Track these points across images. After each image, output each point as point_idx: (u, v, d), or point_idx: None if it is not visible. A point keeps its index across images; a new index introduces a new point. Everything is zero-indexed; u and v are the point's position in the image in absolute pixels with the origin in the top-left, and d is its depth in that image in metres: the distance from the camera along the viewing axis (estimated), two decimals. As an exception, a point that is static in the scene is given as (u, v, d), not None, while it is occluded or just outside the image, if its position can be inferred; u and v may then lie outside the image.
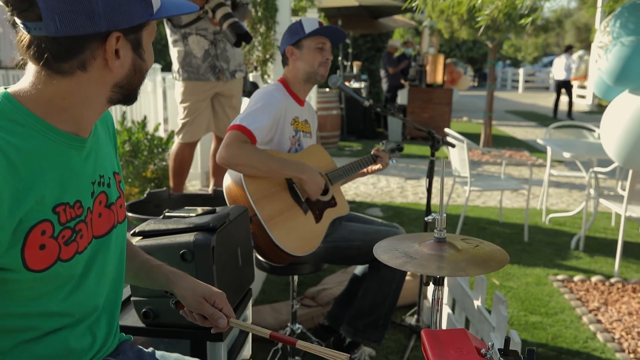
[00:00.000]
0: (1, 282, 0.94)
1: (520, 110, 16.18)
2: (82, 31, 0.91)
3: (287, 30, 2.31)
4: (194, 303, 1.22)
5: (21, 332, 0.99)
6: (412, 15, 14.93)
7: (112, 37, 0.95)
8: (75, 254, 1.01)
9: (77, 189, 1.02)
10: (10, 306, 0.97)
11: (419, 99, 9.68)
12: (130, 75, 1.01)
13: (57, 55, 0.93)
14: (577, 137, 5.54)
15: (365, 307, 2.31)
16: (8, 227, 0.90)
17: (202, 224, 1.49)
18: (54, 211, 0.96)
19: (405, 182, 6.59)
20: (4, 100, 0.95)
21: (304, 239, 2.16)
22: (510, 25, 7.41)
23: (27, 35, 0.92)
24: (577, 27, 21.11)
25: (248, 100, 4.45)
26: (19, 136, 0.93)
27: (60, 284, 1.01)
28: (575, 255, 4.09)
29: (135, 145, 4.01)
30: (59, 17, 0.89)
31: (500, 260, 1.16)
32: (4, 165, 0.89)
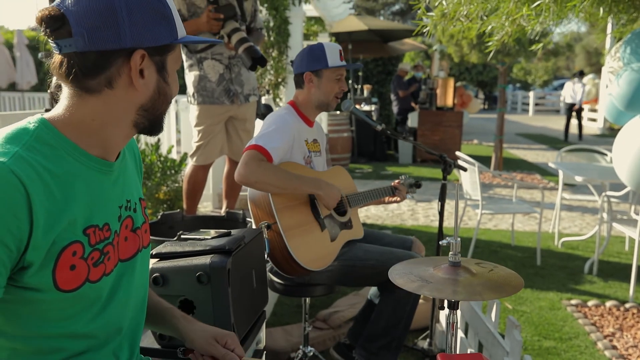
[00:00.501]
0: (32, 302, 0.96)
1: (530, 133, 16.16)
2: (108, 46, 0.96)
3: (309, 53, 2.31)
4: (205, 345, 1.24)
5: (49, 354, 1.01)
6: (422, 39, 15.06)
7: (136, 54, 0.99)
8: (102, 276, 1.04)
9: (105, 212, 1.05)
10: (39, 327, 0.99)
11: (429, 121, 9.72)
12: (155, 97, 1.05)
13: (84, 70, 0.98)
14: (589, 161, 5.53)
15: (378, 329, 2.31)
16: (42, 247, 0.93)
17: (218, 246, 1.51)
18: (84, 233, 1.00)
19: (416, 204, 6.58)
20: (40, 126, 0.99)
21: (318, 255, 2.19)
22: (520, 49, 7.45)
23: (59, 55, 0.98)
24: (587, 51, 21.17)
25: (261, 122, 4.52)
26: (54, 160, 0.97)
27: (88, 306, 1.03)
28: (588, 279, 4.05)
29: (149, 167, 4.06)
30: (87, 32, 0.95)
31: (516, 285, 1.16)
32: (40, 188, 0.92)
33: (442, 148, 9.15)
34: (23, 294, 0.95)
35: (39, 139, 0.97)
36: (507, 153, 11.18)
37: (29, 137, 0.96)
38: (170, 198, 4.13)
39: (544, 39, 4.06)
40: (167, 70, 1.06)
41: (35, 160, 0.94)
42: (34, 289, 0.95)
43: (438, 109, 10.01)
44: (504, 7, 3.16)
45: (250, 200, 2.20)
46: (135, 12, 0.97)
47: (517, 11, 3.07)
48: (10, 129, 0.98)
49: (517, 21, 3.18)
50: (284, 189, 2.13)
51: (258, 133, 2.22)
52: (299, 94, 2.37)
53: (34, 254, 0.92)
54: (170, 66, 1.06)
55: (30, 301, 0.96)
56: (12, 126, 0.99)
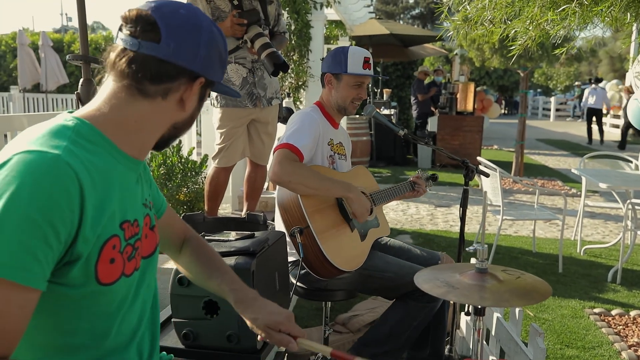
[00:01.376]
0: (70, 298, 0.98)
1: (551, 139, 15.98)
2: (186, 63, 1.04)
3: (333, 54, 2.32)
4: (262, 332, 1.23)
5: (85, 350, 1.03)
6: (442, 44, 15.00)
7: (201, 79, 1.08)
8: (134, 270, 1.07)
9: (134, 208, 1.08)
10: (79, 322, 1.00)
11: (449, 126, 9.66)
12: (187, 121, 1.13)
13: (155, 75, 1.03)
14: (612, 167, 5.45)
15: (380, 335, 2.26)
16: (90, 239, 0.95)
17: (242, 248, 1.52)
18: (120, 227, 1.02)
19: (435, 209, 6.54)
20: (78, 122, 1.01)
21: (351, 255, 2.20)
22: (543, 54, 7.38)
23: (130, 52, 1.01)
24: (610, 57, 20.88)
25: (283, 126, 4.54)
26: (95, 154, 1.00)
27: (120, 301, 1.06)
28: (612, 288, 3.99)
29: (170, 168, 4.10)
30: (174, 44, 1.02)
31: (544, 292, 1.15)
32: (88, 182, 0.95)
33: (461, 153, 9.08)
34: (62, 290, 0.96)
35: (79, 134, 1.00)
36: (528, 159, 11.07)
37: (71, 132, 0.99)
38: (190, 199, 4.16)
39: (568, 43, 4.00)
40: (203, 102, 1.15)
41: (82, 154, 0.97)
42: (75, 285, 0.96)
43: (458, 114, 9.95)
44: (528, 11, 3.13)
45: (279, 205, 2.19)
46: (211, 46, 1.08)
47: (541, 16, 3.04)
48: (49, 125, 1.00)
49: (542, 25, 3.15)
50: (315, 189, 2.13)
51: (286, 130, 2.23)
52: (323, 93, 2.40)
53: (83, 246, 0.94)
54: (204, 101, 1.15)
55: (68, 296, 0.97)
56: (47, 123, 1.01)
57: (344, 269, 2.13)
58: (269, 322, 1.23)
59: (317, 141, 2.25)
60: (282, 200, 2.18)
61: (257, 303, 1.26)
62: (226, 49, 1.14)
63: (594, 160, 5.56)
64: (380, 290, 2.32)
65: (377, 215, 2.41)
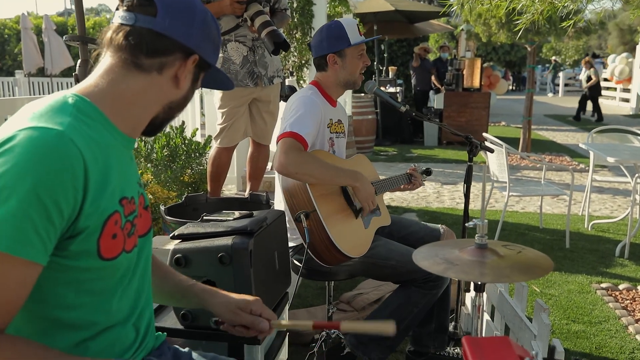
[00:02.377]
0: (72, 271, 0.98)
1: (560, 115, 15.81)
2: (181, 38, 1.06)
3: (328, 34, 2.25)
4: (231, 315, 1.24)
5: (81, 329, 1.02)
6: (447, 20, 14.78)
7: (195, 56, 1.09)
8: (134, 247, 1.07)
9: (130, 186, 1.08)
10: (74, 297, 1.00)
11: (455, 103, 9.56)
12: (181, 101, 1.13)
13: (150, 48, 1.04)
14: (621, 141, 5.38)
15: (379, 319, 2.23)
16: (93, 214, 0.95)
17: (240, 227, 1.50)
18: (120, 203, 1.02)
19: (441, 187, 6.51)
20: (78, 99, 1.01)
21: (357, 241, 2.17)
22: (550, 28, 7.25)
23: (126, 26, 1.03)
24: (620, 29, 20.53)
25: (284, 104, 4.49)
26: (95, 130, 0.99)
27: (121, 277, 1.06)
28: (619, 262, 3.96)
29: (174, 150, 4.08)
30: (170, 19, 1.05)
31: (545, 267, 1.12)
32: (91, 158, 0.95)
33: (468, 130, 9.00)
34: (64, 262, 0.96)
35: (80, 110, 0.99)
36: (536, 134, 10.97)
37: (72, 108, 0.98)
38: (195, 181, 4.15)
39: (576, 16, 3.91)
40: (197, 84, 1.15)
41: (84, 130, 0.96)
42: (76, 258, 0.96)
43: (464, 90, 9.84)
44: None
45: (284, 189, 2.15)
46: (205, 27, 1.10)
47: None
48: (49, 101, 0.99)
49: (549, -1, 3.07)
50: (322, 180, 2.10)
51: (287, 117, 2.16)
52: (321, 76, 2.31)
53: (86, 220, 0.94)
54: (198, 83, 1.16)
55: (70, 269, 0.97)
56: (47, 99, 1.00)
57: (350, 254, 2.10)
58: (240, 303, 1.24)
59: (319, 127, 2.22)
60: (287, 185, 2.14)
61: (221, 292, 1.29)
62: (219, 35, 1.16)
63: (602, 134, 5.49)
64: (383, 277, 2.30)
65: (378, 204, 2.38)
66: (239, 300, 1.25)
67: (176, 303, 1.37)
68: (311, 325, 1.16)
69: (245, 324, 1.23)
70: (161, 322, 1.57)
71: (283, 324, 1.23)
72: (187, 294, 1.30)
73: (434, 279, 2.15)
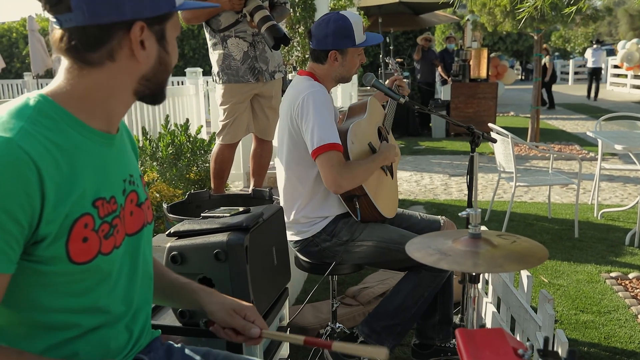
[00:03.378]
0: (46, 275, 0.97)
1: (569, 103, 15.65)
2: (108, 19, 0.96)
3: (335, 31, 2.21)
4: (225, 316, 1.22)
5: (63, 329, 1.02)
6: (453, 10, 14.66)
7: (136, 26, 0.98)
8: (113, 248, 1.04)
9: (110, 185, 1.05)
10: (53, 301, 0.99)
11: (462, 94, 9.50)
12: (156, 67, 1.05)
13: (86, 44, 0.97)
14: (630, 129, 5.31)
15: (390, 308, 2.24)
16: (55, 220, 0.93)
17: (235, 223, 1.49)
18: (93, 205, 1.00)
19: (449, 178, 6.47)
20: (41, 100, 0.99)
21: (393, 201, 2.42)
22: (556, 15, 7.16)
23: (59, 30, 0.97)
24: (630, 15, 20.25)
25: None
26: (58, 133, 0.97)
27: (101, 279, 1.04)
28: (629, 251, 3.91)
29: (178, 147, 4.08)
30: (86, 6, 0.95)
31: (540, 256, 1.10)
32: (49, 162, 0.92)
33: (476, 120, 8.94)
34: (37, 267, 0.95)
35: (41, 112, 0.97)
36: (545, 124, 10.87)
37: (31, 111, 0.96)
38: (201, 178, 4.15)
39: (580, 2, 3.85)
40: (167, 39, 1.05)
41: (41, 133, 0.94)
42: (47, 262, 0.95)
43: (472, 81, 9.76)
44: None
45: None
46: None
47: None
48: (10, 105, 0.97)
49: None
50: (368, 178, 2.20)
51: (308, 123, 2.12)
52: (318, 68, 2.29)
53: (47, 227, 0.93)
54: (169, 35, 1.05)
55: (44, 274, 0.96)
56: (11, 103, 0.98)
57: (391, 216, 2.36)
58: (236, 306, 1.23)
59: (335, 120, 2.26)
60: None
61: (218, 292, 1.27)
62: None
63: (611, 122, 5.42)
64: (395, 263, 2.29)
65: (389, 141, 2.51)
66: (235, 303, 1.25)
67: (171, 303, 1.36)
68: (302, 340, 1.15)
69: (237, 328, 1.21)
70: (159, 320, 1.57)
71: (274, 335, 1.22)
72: (183, 292, 1.29)
73: None
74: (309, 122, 2.11)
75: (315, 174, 2.22)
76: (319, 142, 2.08)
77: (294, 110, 2.18)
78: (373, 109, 2.43)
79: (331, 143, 2.08)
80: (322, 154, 2.08)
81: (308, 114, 2.12)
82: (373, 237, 2.23)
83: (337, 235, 2.25)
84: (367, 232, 2.24)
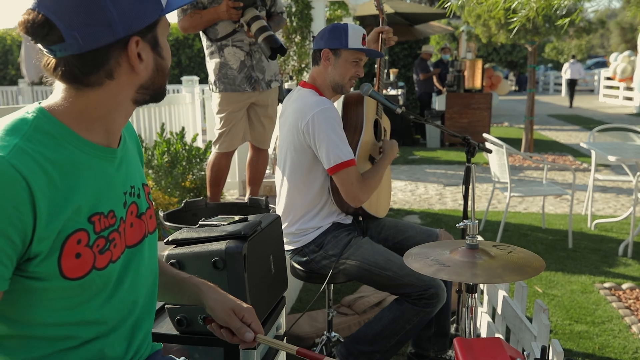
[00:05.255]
0: (39, 291, 0.96)
1: (563, 114, 15.76)
2: (103, 42, 0.94)
3: (331, 30, 2.26)
4: (223, 315, 1.21)
5: (59, 340, 1.01)
6: (448, 21, 14.78)
7: (132, 41, 0.97)
8: (109, 263, 1.03)
9: (110, 199, 1.04)
10: (48, 315, 0.99)
11: (457, 104, 9.55)
12: (154, 75, 1.04)
13: (85, 70, 0.96)
14: (623, 140, 5.35)
15: (370, 333, 2.20)
16: (48, 237, 0.93)
17: (233, 232, 1.50)
18: (89, 221, 0.99)
19: (444, 188, 6.49)
20: (39, 115, 0.98)
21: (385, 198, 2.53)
22: (550, 27, 7.24)
23: (53, 58, 0.95)
24: (622, 28, 20.46)
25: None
26: (55, 149, 0.96)
27: (96, 293, 1.03)
28: (623, 262, 3.94)
29: (174, 155, 4.08)
30: (79, 34, 0.92)
31: (537, 267, 1.12)
32: (42, 180, 0.92)
33: (470, 131, 8.99)
34: (30, 284, 0.95)
35: (38, 128, 0.96)
36: (539, 135, 10.94)
37: (27, 127, 0.95)
38: (196, 186, 4.15)
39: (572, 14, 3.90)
40: (160, 44, 1.04)
41: (36, 150, 0.93)
42: (40, 278, 0.95)
43: (466, 91, 9.82)
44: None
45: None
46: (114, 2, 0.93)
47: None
48: (8, 120, 0.97)
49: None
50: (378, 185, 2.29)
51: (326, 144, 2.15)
52: (315, 71, 2.31)
53: (40, 245, 0.92)
54: (161, 39, 1.04)
55: (37, 290, 0.96)
56: (9, 117, 0.98)
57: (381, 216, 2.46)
58: (235, 306, 1.22)
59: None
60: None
61: (219, 290, 1.26)
62: None
63: (604, 133, 5.46)
64: (376, 286, 2.26)
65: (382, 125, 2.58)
66: (235, 303, 1.24)
67: (171, 298, 1.34)
68: (295, 350, 1.15)
69: (233, 329, 1.21)
70: (156, 328, 1.56)
71: (268, 341, 1.22)
72: (184, 286, 1.28)
73: (427, 296, 2.11)
74: (322, 140, 2.15)
75: (316, 189, 2.25)
76: (335, 160, 2.14)
77: (301, 125, 2.18)
78: (367, 102, 2.44)
79: (347, 160, 2.15)
80: (340, 172, 2.15)
81: (320, 133, 2.15)
82: (357, 257, 2.19)
83: (324, 248, 2.24)
84: (353, 250, 2.21)
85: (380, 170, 2.29)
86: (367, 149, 2.37)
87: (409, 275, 2.12)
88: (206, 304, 1.23)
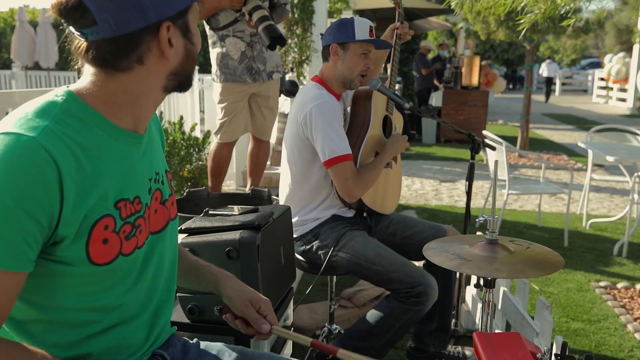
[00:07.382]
0: (66, 276, 0.96)
1: (557, 113, 15.84)
2: (135, 26, 0.94)
3: (337, 25, 2.26)
4: (240, 305, 1.22)
5: (82, 326, 1.01)
6: (446, 17, 14.78)
7: (163, 27, 0.97)
8: (135, 249, 1.03)
9: (136, 185, 1.04)
10: (73, 300, 0.99)
11: (454, 101, 9.57)
12: (184, 61, 1.04)
13: (116, 54, 0.96)
14: (619, 141, 5.39)
15: (362, 330, 2.20)
16: (74, 221, 0.92)
17: (247, 221, 1.50)
18: (115, 206, 0.99)
19: (440, 184, 6.52)
20: (68, 98, 0.97)
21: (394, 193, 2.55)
22: (549, 26, 7.26)
23: (84, 42, 0.95)
24: (617, 29, 20.57)
25: (285, 99, 4.44)
26: (83, 133, 0.96)
27: (121, 278, 1.03)
28: (618, 261, 3.98)
29: (172, 145, 4.07)
30: (112, 18, 0.92)
31: (556, 263, 1.13)
32: (71, 163, 0.92)
33: (466, 128, 9.01)
34: (57, 268, 0.95)
35: (67, 112, 0.96)
36: (533, 133, 10.99)
37: (57, 110, 0.95)
38: (194, 176, 4.14)
39: (575, 15, 3.91)
40: (191, 30, 1.03)
41: (65, 133, 0.93)
42: (68, 263, 0.95)
43: (463, 88, 9.84)
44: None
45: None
46: None
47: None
48: (38, 102, 0.96)
49: (552, -3, 3.07)
50: (376, 180, 2.28)
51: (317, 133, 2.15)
52: (325, 67, 2.32)
53: (66, 228, 0.92)
54: (192, 25, 1.04)
55: (63, 274, 0.96)
56: (39, 99, 0.97)
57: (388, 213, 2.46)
58: (253, 297, 1.23)
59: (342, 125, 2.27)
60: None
61: (237, 279, 1.27)
62: None
63: (600, 134, 5.49)
64: (368, 280, 2.25)
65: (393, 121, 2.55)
66: (253, 293, 1.24)
67: (187, 283, 1.34)
68: (309, 342, 1.16)
69: (249, 319, 1.22)
70: (167, 316, 1.56)
71: (284, 332, 1.23)
72: (203, 274, 1.29)
73: (415, 294, 2.07)
74: (319, 133, 2.16)
75: (318, 181, 2.26)
76: (330, 154, 2.15)
77: (300, 118, 2.20)
78: (376, 98, 2.42)
79: (342, 155, 2.15)
80: (335, 166, 2.15)
81: (317, 126, 2.16)
82: (348, 250, 2.19)
83: (319, 238, 2.25)
84: (345, 242, 2.20)
85: (377, 166, 2.27)
86: (373, 144, 2.36)
87: (397, 271, 2.11)
88: (224, 293, 1.23)
